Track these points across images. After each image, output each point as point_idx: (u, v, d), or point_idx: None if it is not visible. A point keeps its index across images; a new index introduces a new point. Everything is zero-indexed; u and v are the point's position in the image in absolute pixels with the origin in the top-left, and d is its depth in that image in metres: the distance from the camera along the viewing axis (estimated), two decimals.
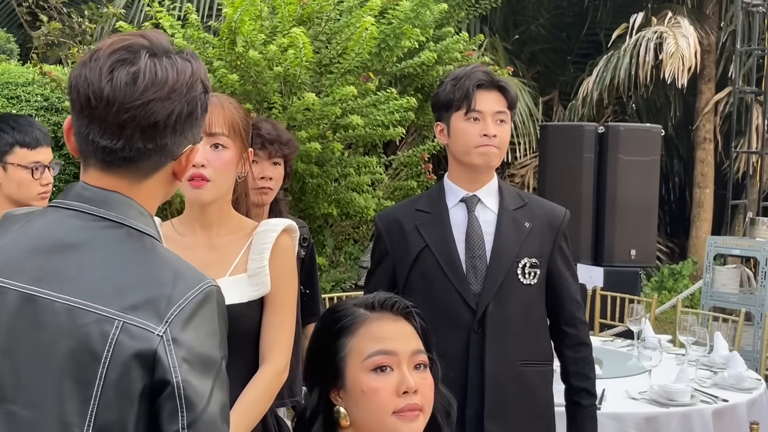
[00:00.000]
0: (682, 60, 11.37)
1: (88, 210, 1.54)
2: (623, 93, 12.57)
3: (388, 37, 7.00)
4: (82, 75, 1.51)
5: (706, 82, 12.88)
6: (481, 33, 10.50)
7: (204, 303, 1.52)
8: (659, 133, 8.59)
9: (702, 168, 12.93)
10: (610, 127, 8.30)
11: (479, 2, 8.79)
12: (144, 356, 1.45)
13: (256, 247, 2.36)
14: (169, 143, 1.55)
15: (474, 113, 2.76)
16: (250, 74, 6.46)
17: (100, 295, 1.48)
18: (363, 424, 1.78)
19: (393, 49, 7.06)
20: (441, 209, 2.86)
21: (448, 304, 2.79)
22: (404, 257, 2.82)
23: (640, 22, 12.14)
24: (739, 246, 7.71)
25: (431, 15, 7.40)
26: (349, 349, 1.79)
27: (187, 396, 1.47)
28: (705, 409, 4.07)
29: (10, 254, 1.55)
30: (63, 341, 1.47)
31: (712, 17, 13.04)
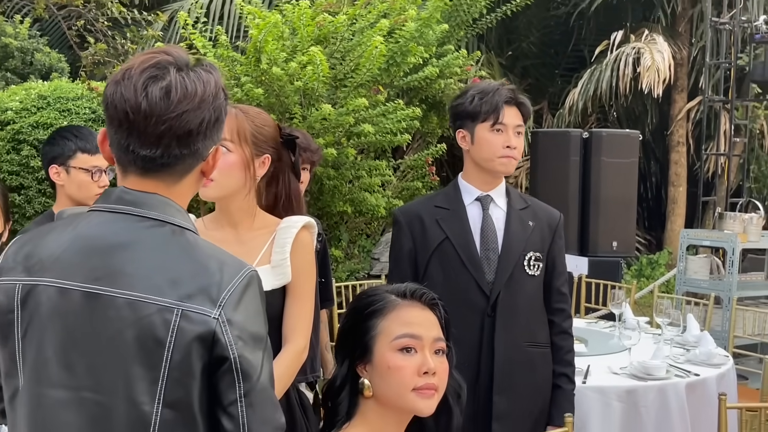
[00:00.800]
0: (658, 72, 11.39)
1: (131, 212, 1.56)
2: (605, 102, 12.54)
3: (395, 54, 7.02)
4: (118, 92, 1.53)
5: (679, 92, 12.88)
6: (479, 50, 10.51)
7: (248, 286, 1.56)
8: (637, 137, 8.59)
9: (676, 169, 12.94)
10: (594, 133, 8.31)
11: (476, 23, 8.77)
12: (204, 337, 1.49)
13: (279, 242, 2.37)
14: (201, 147, 1.58)
15: (499, 125, 2.81)
16: (274, 88, 6.49)
17: (157, 288, 1.50)
18: (384, 397, 1.80)
19: (400, 65, 7.08)
20: (459, 206, 2.89)
21: (464, 291, 2.83)
22: (425, 247, 2.84)
23: (619, 39, 12.19)
24: (709, 238, 7.72)
25: (434, 34, 7.41)
26: (379, 330, 1.82)
27: (243, 369, 1.51)
28: (679, 382, 4.08)
29: (65, 257, 1.56)
30: (128, 331, 1.49)
31: (684, 34, 13.02)
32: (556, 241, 2.98)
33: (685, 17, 13.05)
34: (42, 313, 1.54)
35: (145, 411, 1.49)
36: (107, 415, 1.50)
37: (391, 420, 1.84)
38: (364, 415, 1.84)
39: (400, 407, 1.81)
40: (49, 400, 1.53)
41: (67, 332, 1.52)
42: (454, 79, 7.84)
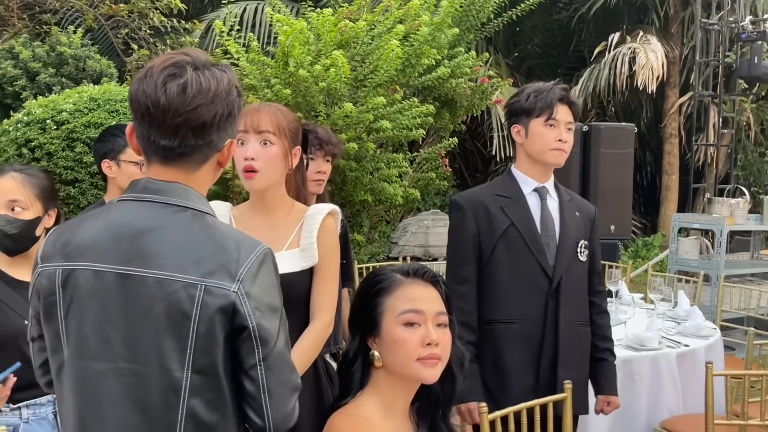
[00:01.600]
0: (652, 70, 11.35)
1: (155, 199, 1.59)
2: (604, 98, 12.52)
3: (410, 56, 7.02)
4: (141, 89, 1.56)
5: (671, 88, 12.82)
6: (487, 52, 10.48)
7: (263, 263, 1.58)
8: (633, 130, 8.50)
9: (669, 158, 12.91)
10: (593, 126, 8.22)
11: (484, 27, 8.75)
12: (225, 309, 1.52)
13: (307, 227, 2.37)
14: (215, 138, 1.60)
15: (552, 121, 2.79)
16: (300, 89, 6.50)
17: (182, 267, 1.52)
18: (392, 367, 1.81)
19: (414, 66, 7.08)
20: (519, 195, 2.87)
21: (529, 274, 2.82)
22: (490, 232, 2.82)
23: (617, 40, 12.14)
24: (698, 221, 7.67)
25: (445, 38, 7.40)
26: (386, 306, 1.82)
27: (261, 336, 1.55)
28: (670, 352, 4.07)
29: (99, 242, 1.58)
30: (158, 306, 1.52)
31: (676, 35, 12.94)
32: (595, 230, 3.02)
33: (677, 19, 12.98)
34: (81, 294, 1.57)
35: (176, 377, 1.52)
36: (143, 383, 1.53)
37: (399, 387, 1.84)
38: (375, 384, 1.84)
39: (407, 376, 1.81)
40: (91, 371, 1.56)
41: (104, 310, 1.55)
42: (465, 78, 7.82)
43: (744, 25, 9.38)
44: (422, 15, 7.22)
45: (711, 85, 10.47)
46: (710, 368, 2.90)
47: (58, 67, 9.92)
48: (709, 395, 2.89)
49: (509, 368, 2.81)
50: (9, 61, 10.53)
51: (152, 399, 1.53)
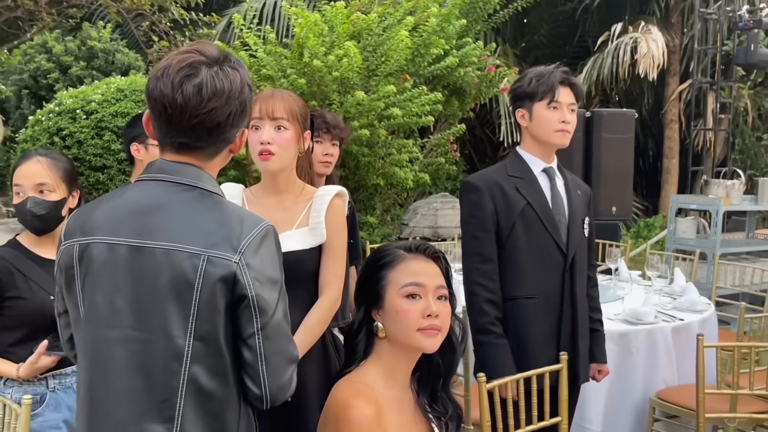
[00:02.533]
0: (653, 59, 11.30)
1: (167, 179, 1.60)
2: (607, 86, 12.43)
3: (420, 46, 6.99)
4: (158, 88, 1.56)
5: (672, 76, 12.74)
6: (495, 42, 10.45)
7: (265, 237, 1.58)
8: (633, 116, 8.46)
9: (669, 143, 12.84)
10: (595, 112, 8.19)
11: (491, 18, 8.69)
12: (226, 279, 1.52)
13: (316, 207, 2.37)
14: (229, 135, 1.62)
15: (555, 103, 2.75)
16: (315, 78, 6.48)
17: (187, 239, 1.53)
18: (394, 337, 1.80)
19: (424, 56, 7.06)
20: (531, 175, 2.83)
21: (546, 250, 2.80)
22: (508, 212, 2.77)
23: (619, 30, 12.07)
24: (695, 202, 7.63)
25: (453, 29, 7.36)
26: (389, 279, 1.82)
27: (260, 306, 1.55)
28: (665, 326, 4.04)
29: (114, 218, 1.60)
30: (164, 275, 1.53)
31: (676, 24, 12.85)
32: (591, 208, 3.01)
33: (677, 9, 12.88)
34: (95, 266, 1.58)
35: (179, 344, 1.53)
36: (147, 349, 1.54)
37: (401, 357, 1.84)
38: (378, 354, 1.84)
39: (408, 345, 1.81)
40: (101, 338, 1.57)
41: (113, 280, 1.56)
42: (472, 67, 7.79)
43: (741, 14, 9.30)
44: (431, 7, 7.18)
45: (709, 72, 10.38)
46: (701, 340, 2.88)
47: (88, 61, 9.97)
48: (700, 366, 2.87)
49: (532, 342, 2.78)
50: (43, 56, 10.60)
51: (156, 365, 1.53)
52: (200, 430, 1.55)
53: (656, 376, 3.99)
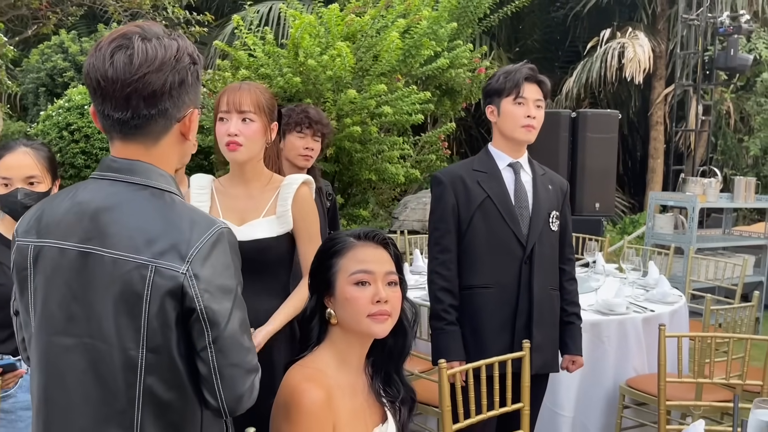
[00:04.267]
0: (639, 63, 11.32)
1: (118, 178, 1.48)
2: (595, 89, 12.44)
3: (411, 48, 6.93)
4: (91, 63, 1.44)
5: (658, 80, 12.75)
6: (490, 46, 10.39)
7: (216, 243, 1.45)
8: (617, 116, 8.40)
9: (655, 144, 12.84)
10: (580, 113, 8.12)
11: (482, 21, 8.62)
12: (173, 291, 1.40)
13: (282, 196, 2.34)
14: (170, 107, 1.47)
15: (521, 99, 2.71)
16: (310, 77, 6.42)
17: (135, 247, 1.41)
18: (346, 323, 1.74)
19: (415, 57, 6.99)
20: (495, 170, 2.79)
21: (504, 242, 2.75)
22: (468, 204, 2.75)
23: (608, 36, 12.12)
24: (672, 198, 7.57)
25: (445, 31, 7.29)
26: (339, 267, 1.75)
27: (210, 318, 1.42)
28: (636, 317, 3.99)
29: (65, 220, 1.48)
30: (114, 286, 1.42)
31: (662, 31, 12.84)
32: (566, 202, 2.93)
33: (664, 16, 12.88)
34: (47, 271, 1.48)
35: (132, 356, 1.42)
36: (105, 358, 1.44)
37: (353, 342, 1.78)
38: (331, 339, 1.78)
39: (359, 331, 1.75)
40: (56, 346, 1.47)
41: (68, 287, 1.46)
42: (463, 69, 7.71)
43: (722, 20, 9.25)
44: (422, 10, 7.11)
45: (693, 76, 10.31)
46: (663, 330, 2.82)
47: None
48: (661, 354, 2.81)
49: (486, 330, 2.75)
50: (59, 55, 10.59)
51: (112, 374, 1.44)
52: None
53: (627, 364, 3.95)
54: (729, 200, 7.38)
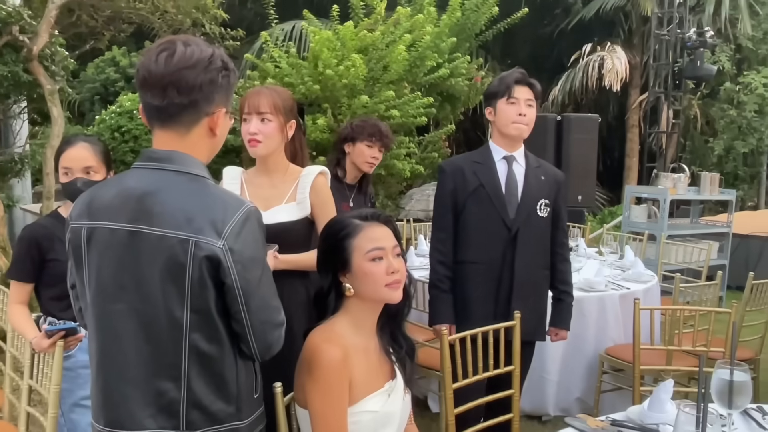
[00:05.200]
0: (617, 74, 11.32)
1: (158, 166, 1.51)
2: (578, 96, 12.39)
3: (416, 59, 6.89)
4: (141, 62, 1.50)
5: (633, 88, 12.70)
6: (485, 59, 10.35)
7: (246, 220, 1.48)
8: (597, 120, 8.34)
9: (631, 145, 12.83)
10: (564, 116, 8.08)
11: (478, 37, 8.56)
12: (212, 262, 1.44)
13: (301, 185, 2.34)
14: (199, 99, 1.50)
15: (513, 99, 2.70)
16: (327, 85, 6.40)
17: (177, 224, 1.45)
18: (364, 294, 1.73)
19: (420, 67, 6.95)
20: (490, 161, 2.79)
21: (492, 225, 2.75)
22: (464, 190, 2.77)
23: (589, 49, 12.13)
24: (646, 191, 7.54)
25: (445, 45, 7.25)
26: (353, 247, 1.73)
27: (242, 285, 1.47)
28: (614, 294, 4.00)
29: (113, 204, 1.51)
30: (160, 258, 1.45)
31: (637, 45, 12.80)
32: (561, 192, 2.87)
33: (639, 32, 12.84)
34: (100, 248, 1.51)
35: (178, 316, 1.46)
36: (153, 320, 1.48)
37: (367, 310, 1.78)
38: (346, 308, 1.77)
39: (377, 299, 1.75)
40: (111, 312, 1.51)
41: (119, 261, 1.49)
42: (462, 78, 7.67)
43: (690, 35, 9.19)
44: (426, 26, 7.06)
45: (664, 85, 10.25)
46: (637, 303, 2.80)
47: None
48: (636, 325, 2.79)
49: (472, 299, 2.77)
50: (111, 68, 10.66)
51: (161, 333, 1.48)
52: (204, 384, 1.50)
53: (605, 335, 3.95)
54: (696, 193, 7.34)
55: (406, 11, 7.10)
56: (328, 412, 1.63)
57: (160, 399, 1.48)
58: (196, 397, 1.49)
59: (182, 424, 1.49)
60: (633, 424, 1.95)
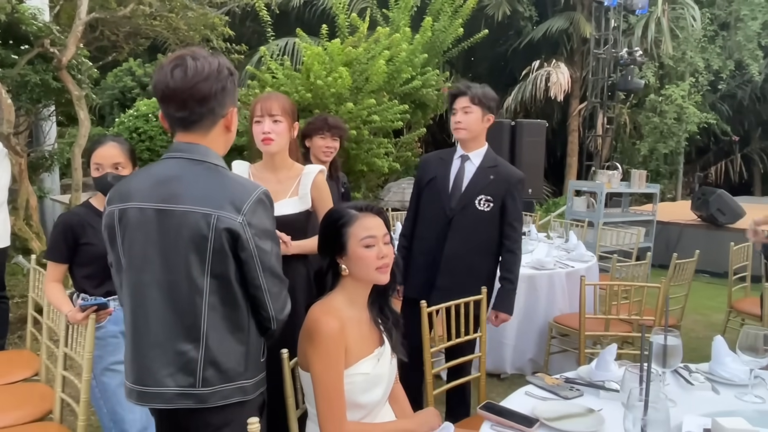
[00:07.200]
0: (561, 86, 11.29)
1: (182, 156, 1.49)
2: (528, 105, 12.41)
3: (393, 72, 6.84)
4: (157, 79, 1.47)
5: (574, 98, 12.76)
6: (450, 72, 10.30)
7: (260, 200, 1.47)
8: (544, 125, 8.37)
9: (571, 146, 12.90)
10: (517, 122, 8.09)
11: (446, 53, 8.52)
12: (232, 234, 1.42)
13: (303, 182, 2.30)
14: (215, 106, 1.48)
15: (454, 109, 2.71)
16: (318, 93, 6.32)
17: (201, 202, 1.43)
18: (358, 275, 1.71)
19: (396, 79, 6.90)
20: (450, 159, 2.78)
21: (435, 210, 2.75)
22: (425, 179, 2.80)
23: (537, 65, 12.13)
24: (586, 185, 7.59)
25: (419, 60, 7.21)
26: (350, 234, 1.70)
27: (259, 255, 1.46)
28: (561, 272, 4.01)
29: (143, 187, 1.49)
30: (184, 231, 1.42)
31: (578, 62, 12.86)
32: (510, 191, 2.71)
33: (579, 51, 12.87)
34: (131, 226, 1.49)
35: (199, 282, 1.44)
36: (176, 288, 1.46)
37: (360, 288, 1.75)
38: (342, 286, 1.75)
39: (369, 281, 1.73)
40: (139, 282, 1.49)
41: (147, 236, 1.47)
42: (432, 88, 7.63)
43: (622, 54, 9.24)
44: (402, 44, 7.00)
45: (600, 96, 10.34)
46: (583, 280, 2.81)
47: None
48: (582, 298, 2.80)
49: (414, 268, 2.79)
50: (128, 77, 10.44)
51: (183, 299, 1.45)
52: (219, 343, 1.48)
53: (554, 306, 3.97)
54: (627, 187, 7.42)
55: (385, 31, 7.04)
56: (327, 374, 1.61)
57: (180, 359, 1.47)
58: (213, 356, 1.47)
59: (198, 381, 1.47)
60: (583, 381, 1.96)
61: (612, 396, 1.84)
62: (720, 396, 1.90)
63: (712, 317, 5.44)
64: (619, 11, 9.65)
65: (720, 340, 2.10)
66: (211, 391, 1.48)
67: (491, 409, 1.72)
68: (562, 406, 1.76)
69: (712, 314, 5.54)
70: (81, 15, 4.95)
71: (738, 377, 1.97)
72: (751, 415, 1.70)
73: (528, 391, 1.90)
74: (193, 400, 1.47)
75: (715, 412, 1.73)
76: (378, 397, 1.73)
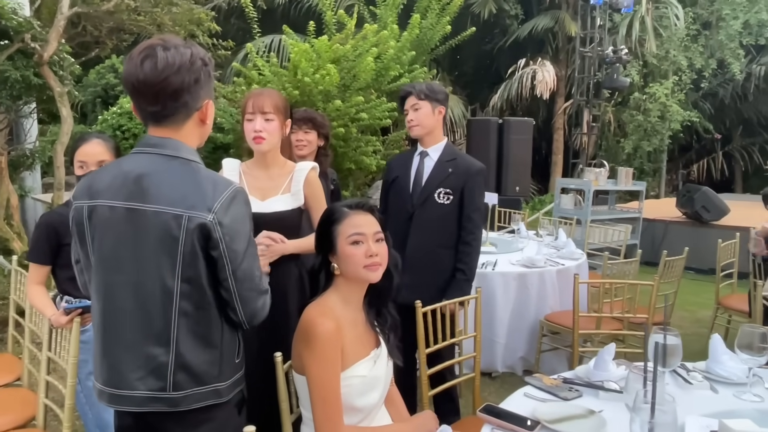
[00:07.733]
0: (546, 84, 11.33)
1: (153, 151, 1.42)
2: (514, 103, 12.43)
3: (381, 69, 6.77)
4: (126, 71, 1.39)
5: (560, 96, 12.80)
6: (436, 70, 10.27)
7: (234, 198, 1.40)
8: (531, 122, 8.45)
9: (557, 144, 12.93)
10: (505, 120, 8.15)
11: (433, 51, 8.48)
12: (203, 234, 1.36)
13: (296, 178, 2.24)
14: (189, 100, 1.41)
15: (405, 110, 2.74)
16: (305, 91, 6.23)
17: (171, 202, 1.36)
18: (348, 273, 1.66)
19: (384, 76, 6.83)
20: (411, 157, 2.79)
21: (399, 205, 2.76)
22: (390, 178, 2.83)
23: (523, 64, 12.15)
24: (573, 183, 7.60)
25: (406, 58, 7.15)
26: (339, 232, 1.67)
27: (230, 256, 1.38)
28: (552, 269, 4.00)
29: (113, 184, 1.42)
30: (155, 232, 1.36)
31: (563, 60, 12.89)
32: (468, 183, 2.69)
33: (565, 49, 12.91)
34: (101, 224, 1.43)
35: (170, 285, 1.38)
36: (146, 290, 1.40)
37: (353, 287, 1.71)
38: (336, 286, 1.71)
39: (358, 279, 1.68)
40: (111, 283, 1.43)
41: (117, 236, 1.41)
42: None
43: (607, 52, 9.28)
44: (390, 41, 6.94)
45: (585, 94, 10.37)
46: (577, 278, 2.80)
47: None
48: (575, 296, 2.79)
49: None
50: (111, 74, 10.25)
51: (154, 302, 1.39)
52: (190, 347, 1.42)
53: (545, 304, 3.96)
54: (614, 184, 7.44)
55: (373, 28, 6.96)
56: (324, 377, 1.57)
57: (150, 363, 1.41)
58: (184, 360, 1.42)
59: (169, 385, 1.41)
60: (582, 381, 1.93)
61: (612, 396, 1.81)
62: (719, 395, 1.88)
63: (699, 314, 5.48)
64: (605, 9, 9.68)
65: (717, 339, 2.08)
66: (183, 395, 1.43)
67: (491, 411, 1.68)
68: (562, 407, 1.73)
69: (698, 311, 5.58)
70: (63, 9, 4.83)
71: (736, 376, 1.95)
72: (751, 414, 1.68)
73: (527, 392, 1.87)
74: (165, 404, 1.42)
75: (715, 412, 1.71)
76: (375, 400, 1.68)
